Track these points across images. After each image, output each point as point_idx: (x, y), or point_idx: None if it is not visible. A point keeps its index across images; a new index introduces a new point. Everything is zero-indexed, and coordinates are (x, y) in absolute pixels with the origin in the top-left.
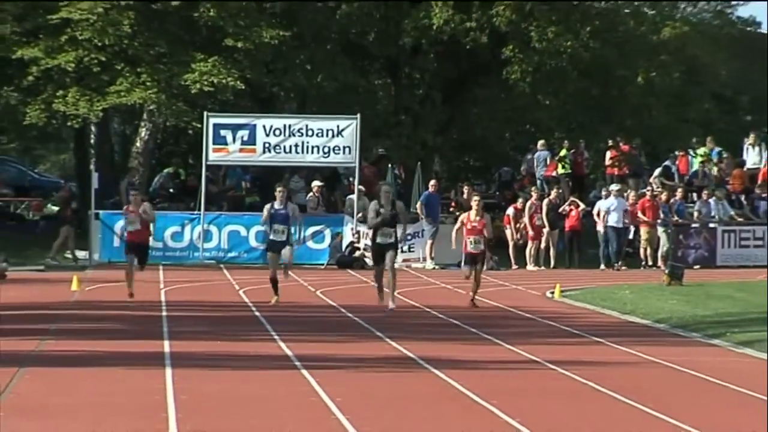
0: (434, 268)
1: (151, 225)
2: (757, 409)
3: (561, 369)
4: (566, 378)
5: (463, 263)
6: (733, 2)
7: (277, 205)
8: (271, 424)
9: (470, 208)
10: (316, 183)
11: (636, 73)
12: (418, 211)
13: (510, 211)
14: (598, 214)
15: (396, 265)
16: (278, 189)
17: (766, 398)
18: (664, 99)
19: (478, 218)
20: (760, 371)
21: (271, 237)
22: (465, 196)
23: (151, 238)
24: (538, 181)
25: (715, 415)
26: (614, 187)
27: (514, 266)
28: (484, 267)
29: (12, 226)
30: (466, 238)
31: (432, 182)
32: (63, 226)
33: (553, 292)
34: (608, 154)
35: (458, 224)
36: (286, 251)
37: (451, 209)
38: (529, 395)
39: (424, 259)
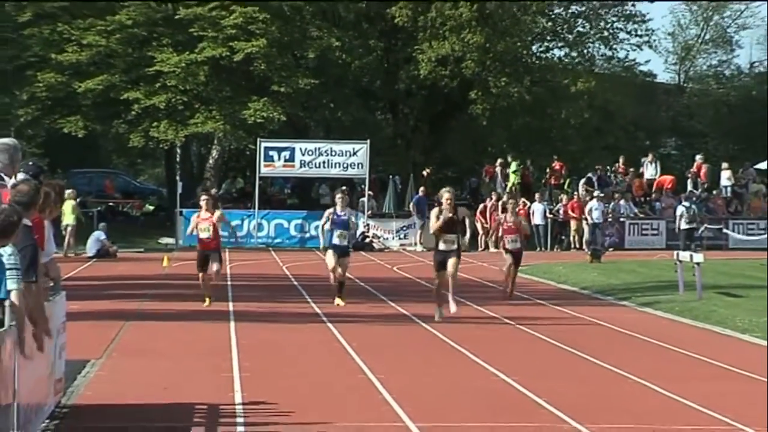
0: (422, 250)
1: (223, 226)
2: (653, 351)
3: (515, 324)
4: (519, 330)
5: (503, 253)
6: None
7: (338, 210)
8: (306, 361)
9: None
10: (340, 189)
11: (561, 112)
12: (411, 209)
13: (480, 207)
14: (589, 212)
15: (418, 247)
16: (339, 195)
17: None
18: (583, 131)
19: (512, 218)
20: (656, 323)
21: (333, 242)
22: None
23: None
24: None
25: (626, 356)
26: (597, 193)
27: (481, 249)
28: (518, 265)
29: (120, 220)
30: (504, 237)
31: (421, 189)
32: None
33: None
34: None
35: (495, 224)
36: (343, 262)
37: (434, 206)
38: (492, 342)
39: (415, 244)
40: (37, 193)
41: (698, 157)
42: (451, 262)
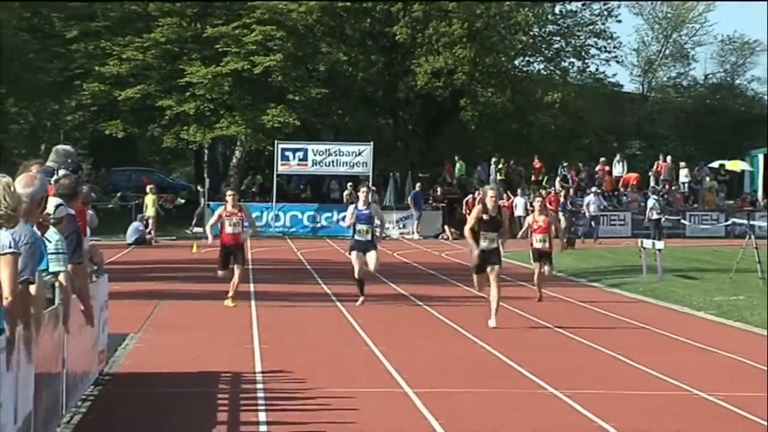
0: (419, 238)
1: (249, 227)
2: (620, 326)
3: (507, 305)
4: (504, 308)
5: (531, 259)
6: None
7: (360, 205)
8: (317, 336)
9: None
10: (349, 184)
11: (539, 118)
12: (410, 202)
13: (468, 199)
14: (587, 206)
15: (415, 235)
16: (362, 190)
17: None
18: (559, 134)
19: (542, 217)
20: (622, 302)
21: (356, 237)
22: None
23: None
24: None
25: (596, 330)
26: (594, 189)
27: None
28: (551, 265)
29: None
30: (533, 236)
31: (418, 184)
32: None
33: None
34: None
35: (525, 226)
36: (371, 256)
37: (430, 200)
38: (480, 319)
39: (413, 233)
40: (78, 185)
41: (668, 158)
42: (494, 270)
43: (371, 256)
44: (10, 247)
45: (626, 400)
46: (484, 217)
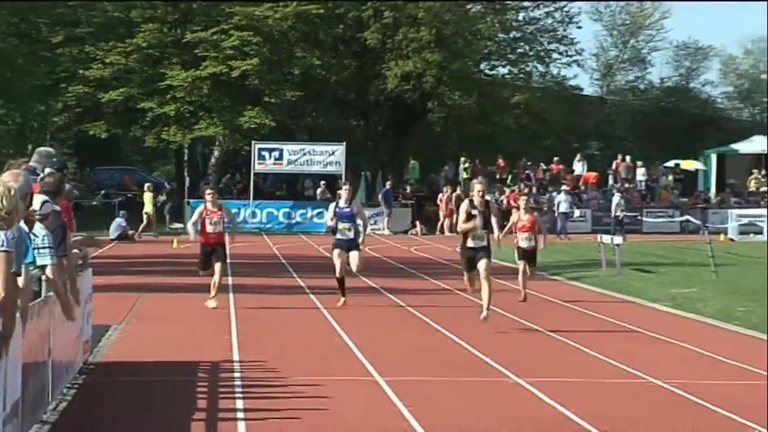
0: (389, 234)
1: (231, 227)
2: (579, 316)
3: (461, 294)
4: (468, 299)
5: (516, 257)
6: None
7: (342, 203)
8: (292, 326)
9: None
10: (322, 182)
11: (504, 119)
12: (380, 199)
13: (440, 196)
14: (558, 204)
15: (386, 231)
16: (344, 187)
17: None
18: (522, 135)
19: (527, 216)
20: (582, 294)
21: (337, 236)
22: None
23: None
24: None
25: (557, 321)
26: (564, 187)
27: (438, 232)
28: (535, 265)
29: (138, 209)
30: (518, 235)
31: (388, 183)
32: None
33: (459, 249)
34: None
35: (510, 224)
36: (354, 256)
37: (399, 198)
38: (447, 311)
39: (383, 229)
40: (62, 183)
41: (627, 158)
42: (482, 264)
43: (353, 256)
44: (3, 246)
45: (585, 387)
46: (473, 212)
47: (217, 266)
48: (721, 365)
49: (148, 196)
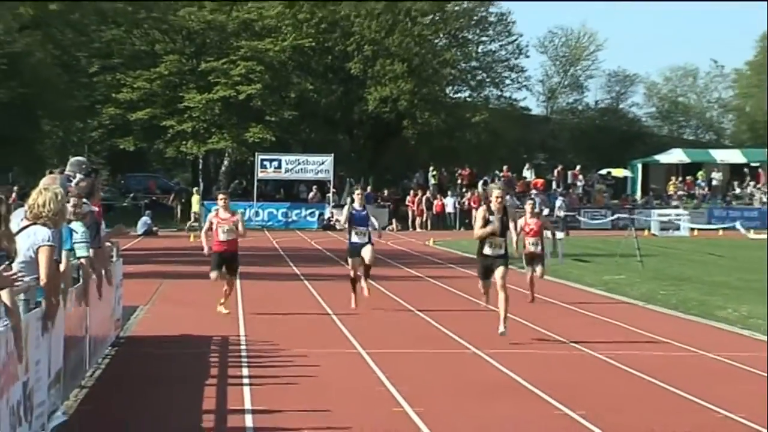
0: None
1: (242, 232)
2: (526, 299)
3: (432, 280)
4: (435, 285)
5: (524, 262)
6: None
7: (357, 206)
8: (288, 307)
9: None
10: (314, 187)
11: (466, 135)
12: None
13: (410, 197)
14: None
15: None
16: (357, 192)
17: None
18: (481, 148)
19: (534, 220)
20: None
21: (353, 240)
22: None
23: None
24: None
25: (515, 308)
26: (534, 192)
27: (411, 229)
28: (543, 267)
29: (161, 209)
30: (525, 239)
31: (369, 187)
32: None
33: (428, 243)
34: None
35: (518, 229)
36: (367, 250)
37: (380, 201)
38: (419, 294)
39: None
40: (93, 186)
41: (578, 167)
42: (498, 272)
43: (366, 250)
44: (49, 241)
45: (532, 357)
46: (490, 218)
47: (230, 279)
48: (643, 337)
49: (196, 198)
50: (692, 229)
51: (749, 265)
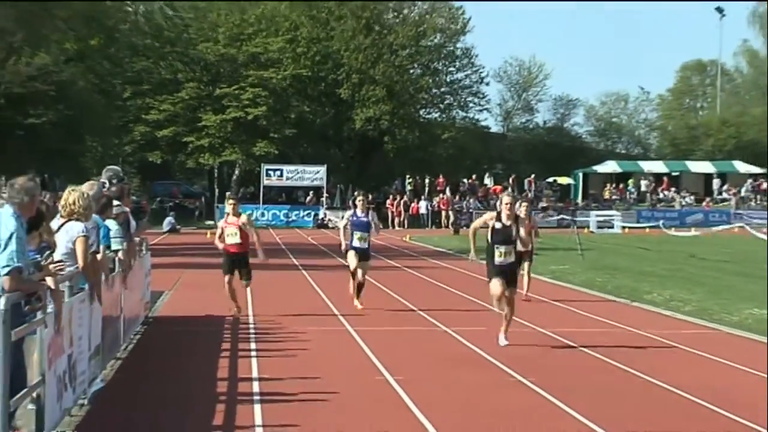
0: None
1: (253, 235)
2: (473, 280)
3: (408, 270)
4: (411, 274)
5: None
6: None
7: (359, 212)
8: (287, 292)
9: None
10: (311, 192)
11: (437, 149)
12: (350, 204)
13: (390, 200)
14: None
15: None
16: (359, 198)
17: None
18: (449, 161)
19: (525, 222)
20: (481, 268)
21: (353, 243)
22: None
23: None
24: (407, 192)
25: (462, 283)
26: (472, 198)
27: (390, 227)
28: (531, 263)
29: (182, 211)
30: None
31: (355, 192)
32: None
33: (405, 239)
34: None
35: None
36: (363, 266)
37: (370, 205)
38: (397, 281)
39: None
40: (123, 190)
41: (533, 176)
42: (508, 293)
43: (364, 266)
44: (83, 233)
45: (491, 334)
46: (497, 225)
47: (243, 284)
48: (584, 317)
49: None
50: (624, 228)
51: (671, 257)
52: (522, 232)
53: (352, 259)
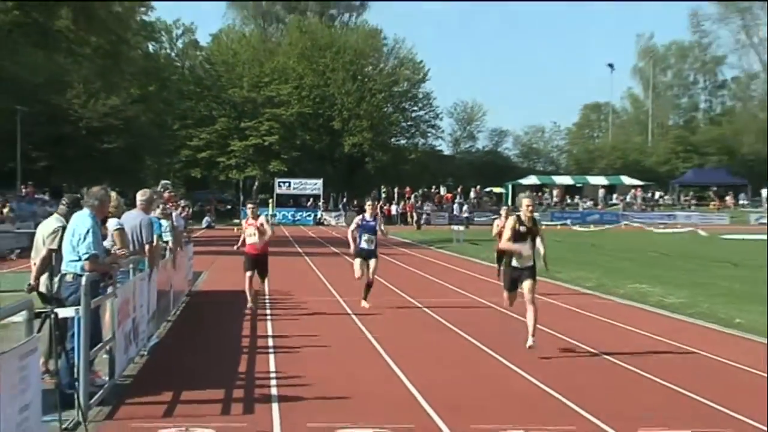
0: (344, 226)
1: (268, 231)
2: (437, 266)
3: (390, 258)
4: (396, 264)
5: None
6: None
7: (367, 216)
8: (294, 274)
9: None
10: (312, 199)
11: (406, 168)
12: (341, 208)
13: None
14: (459, 209)
15: (343, 223)
16: (369, 203)
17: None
18: (413, 175)
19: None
20: (441, 256)
21: (362, 245)
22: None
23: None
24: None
25: (430, 269)
26: (459, 200)
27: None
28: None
29: (216, 212)
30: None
31: (345, 199)
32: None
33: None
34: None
35: (495, 229)
36: (372, 264)
37: (350, 207)
38: (389, 271)
39: (342, 223)
40: (152, 197)
41: (477, 186)
42: (527, 285)
43: (372, 264)
44: (119, 225)
45: (455, 311)
46: (521, 229)
47: (260, 283)
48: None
49: (270, 203)
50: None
51: (576, 247)
52: (539, 238)
53: (357, 268)
